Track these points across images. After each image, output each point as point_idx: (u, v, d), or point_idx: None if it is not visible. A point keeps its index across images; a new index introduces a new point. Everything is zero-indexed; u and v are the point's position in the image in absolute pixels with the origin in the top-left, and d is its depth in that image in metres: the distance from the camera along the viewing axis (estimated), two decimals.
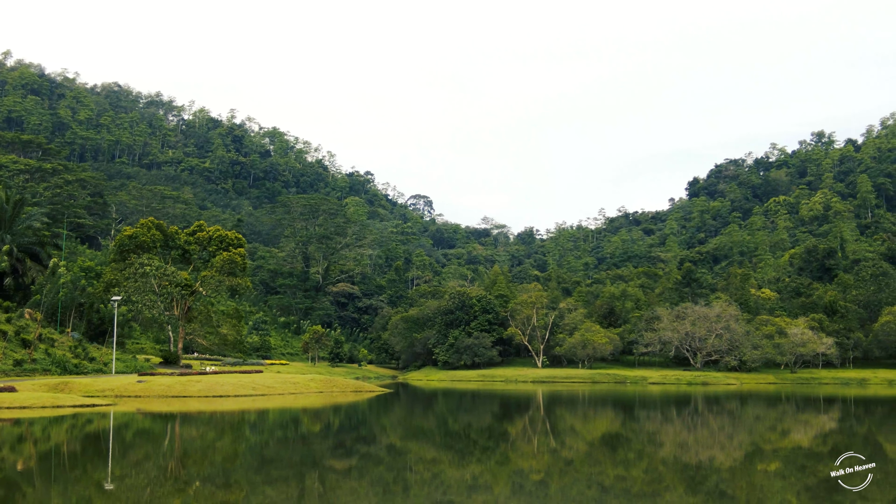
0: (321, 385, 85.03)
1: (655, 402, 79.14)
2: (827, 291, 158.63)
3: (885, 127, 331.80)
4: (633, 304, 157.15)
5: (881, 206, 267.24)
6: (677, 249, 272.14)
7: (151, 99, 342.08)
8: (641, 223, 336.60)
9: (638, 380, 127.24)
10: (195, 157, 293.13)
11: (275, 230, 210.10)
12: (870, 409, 69.85)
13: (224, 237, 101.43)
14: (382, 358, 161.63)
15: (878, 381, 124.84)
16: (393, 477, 30.09)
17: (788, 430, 50.43)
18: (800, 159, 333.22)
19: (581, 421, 57.56)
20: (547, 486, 28.33)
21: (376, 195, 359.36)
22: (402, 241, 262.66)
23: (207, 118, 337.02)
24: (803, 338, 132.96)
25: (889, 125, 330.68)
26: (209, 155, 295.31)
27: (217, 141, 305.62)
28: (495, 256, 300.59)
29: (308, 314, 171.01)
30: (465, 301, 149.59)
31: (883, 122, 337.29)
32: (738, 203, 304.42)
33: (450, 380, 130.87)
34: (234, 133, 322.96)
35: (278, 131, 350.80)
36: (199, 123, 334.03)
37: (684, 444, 42.25)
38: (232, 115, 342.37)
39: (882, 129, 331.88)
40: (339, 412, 62.54)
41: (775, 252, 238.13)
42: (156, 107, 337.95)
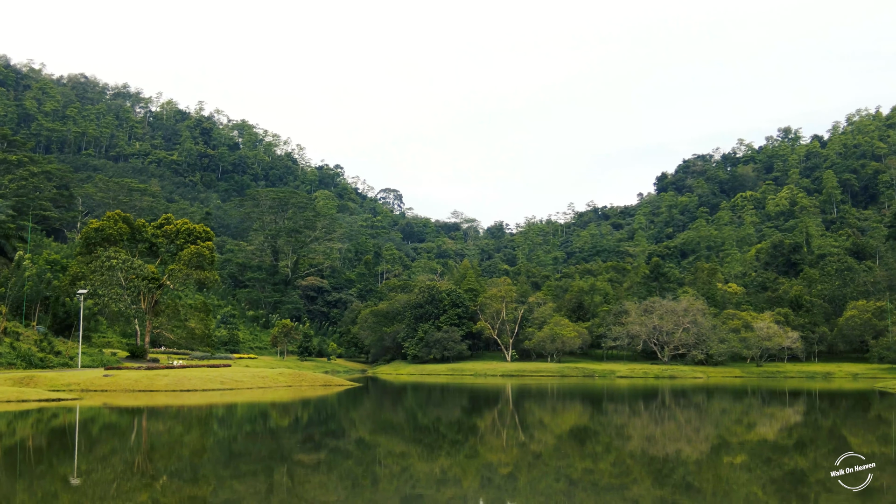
0: (290, 379, 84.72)
1: (623, 396, 79.65)
2: (793, 286, 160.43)
3: (851, 123, 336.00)
4: (602, 299, 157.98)
5: (846, 201, 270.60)
6: (646, 244, 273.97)
7: (118, 90, 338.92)
8: (610, 218, 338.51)
9: (606, 373, 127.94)
10: (163, 149, 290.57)
11: (243, 223, 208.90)
12: (834, 403, 70.77)
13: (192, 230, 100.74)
14: (352, 352, 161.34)
15: (843, 375, 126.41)
16: (362, 471, 30.08)
17: (754, 423, 50.98)
18: (766, 155, 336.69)
19: (549, 414, 57.82)
20: (515, 479, 28.46)
21: (346, 189, 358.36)
22: (372, 234, 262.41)
23: (175, 110, 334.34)
24: (769, 332, 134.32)
25: (855, 121, 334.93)
26: (177, 147, 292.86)
27: (185, 133, 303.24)
28: (465, 250, 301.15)
29: (277, 308, 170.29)
30: (435, 295, 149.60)
31: (849, 118, 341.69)
32: (706, 198, 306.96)
33: (419, 373, 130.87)
34: (203, 125, 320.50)
35: (247, 124, 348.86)
36: (167, 115, 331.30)
37: (651, 437, 42.58)
38: (200, 107, 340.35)
39: (848, 126, 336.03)
40: (307, 406, 62.36)
41: (742, 247, 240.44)
42: (123, 98, 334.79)
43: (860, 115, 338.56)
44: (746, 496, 25.20)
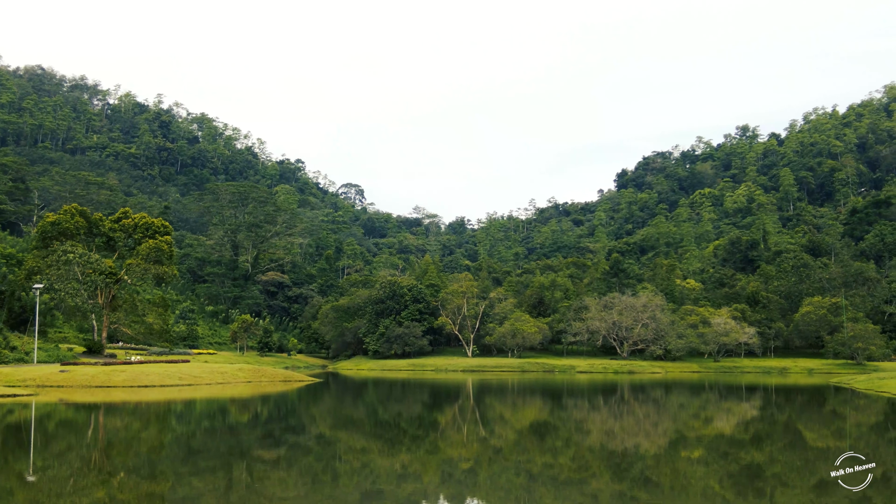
0: (249, 375, 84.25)
1: (583, 391, 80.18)
2: (749, 282, 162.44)
3: (808, 122, 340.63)
4: (563, 294, 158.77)
5: (803, 199, 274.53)
6: (606, 240, 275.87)
7: (76, 83, 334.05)
8: (571, 214, 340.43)
9: (566, 368, 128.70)
10: (121, 142, 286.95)
11: (203, 218, 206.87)
12: (790, 398, 71.81)
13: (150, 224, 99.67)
14: (312, 347, 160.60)
15: (799, 370, 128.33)
16: (322, 467, 30.00)
17: (711, 418, 51.57)
18: (725, 153, 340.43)
19: (510, 409, 58.05)
20: (476, 474, 28.55)
21: (307, 183, 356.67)
22: (333, 229, 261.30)
23: (134, 103, 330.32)
24: (726, 327, 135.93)
25: (812, 120, 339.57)
26: (135, 140, 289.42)
27: (143, 126, 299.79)
28: (427, 246, 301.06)
29: (237, 303, 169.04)
30: (396, 290, 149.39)
31: (805, 116, 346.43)
32: (665, 195, 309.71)
33: (380, 369, 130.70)
34: (162, 118, 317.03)
35: (207, 117, 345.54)
36: (125, 108, 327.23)
37: (611, 431, 42.93)
38: (159, 100, 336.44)
39: (805, 124, 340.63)
40: (267, 402, 62.06)
41: (700, 243, 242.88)
42: (80, 91, 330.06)
43: (817, 113, 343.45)
44: (703, 490, 25.50)
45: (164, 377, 70.99)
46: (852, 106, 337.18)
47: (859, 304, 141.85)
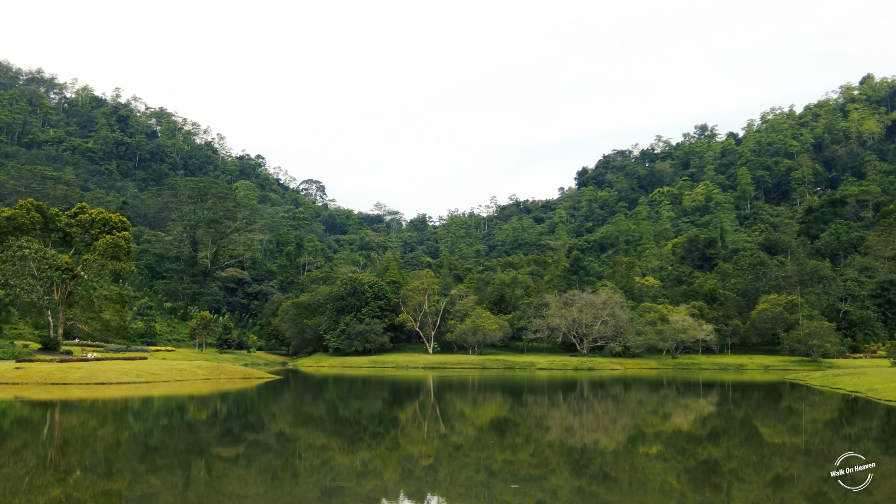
0: (208, 372, 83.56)
1: (543, 388, 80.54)
2: (707, 280, 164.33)
3: (765, 121, 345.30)
4: (523, 291, 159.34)
5: (759, 197, 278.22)
6: (566, 238, 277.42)
7: (32, 76, 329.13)
8: (532, 211, 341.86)
9: (526, 365, 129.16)
10: (78, 136, 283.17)
11: (161, 213, 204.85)
12: (746, 394, 72.69)
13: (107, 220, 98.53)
14: (272, 344, 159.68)
15: (755, 367, 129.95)
16: (281, 464, 29.86)
17: (669, 414, 52.07)
18: (683, 151, 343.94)
19: (470, 406, 58.17)
20: (436, 470, 28.59)
21: (267, 179, 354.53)
22: (294, 226, 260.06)
23: (91, 97, 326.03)
24: (684, 324, 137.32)
25: (769, 120, 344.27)
26: (93, 135, 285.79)
27: (101, 120, 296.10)
28: (388, 243, 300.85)
29: (196, 300, 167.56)
30: (357, 287, 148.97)
31: (763, 116, 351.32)
32: (625, 193, 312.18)
33: (340, 366, 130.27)
34: (120, 113, 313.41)
35: (166, 112, 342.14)
36: (83, 102, 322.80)
37: (570, 428, 43.18)
38: (117, 94, 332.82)
39: (762, 124, 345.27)
40: (226, 399, 61.61)
41: (659, 241, 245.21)
42: (37, 84, 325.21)
43: (774, 113, 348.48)
44: (661, 485, 25.76)
45: (122, 374, 70.19)
46: (809, 106, 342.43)
47: (815, 302, 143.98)
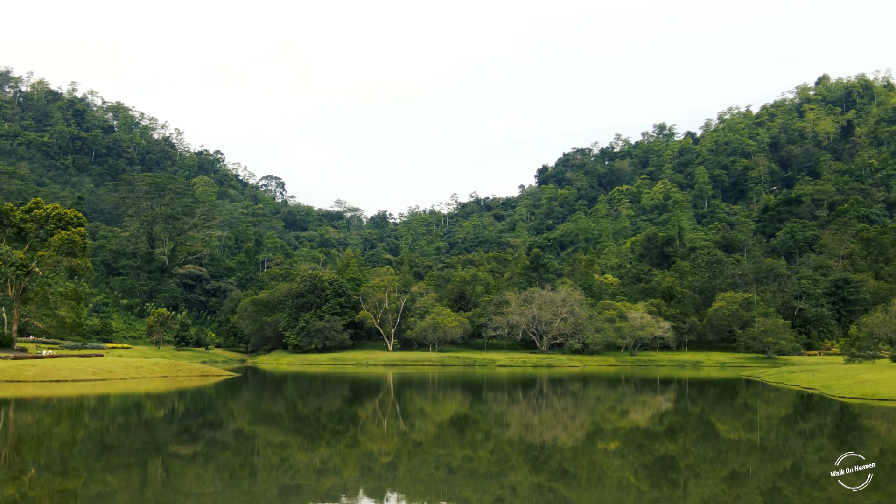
0: (165, 369, 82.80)
1: (503, 385, 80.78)
2: (665, 277, 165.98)
3: (723, 121, 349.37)
4: (483, 289, 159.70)
5: (717, 196, 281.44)
6: (526, 235, 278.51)
7: None
8: (493, 209, 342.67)
9: (486, 362, 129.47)
10: (33, 131, 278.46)
11: (118, 209, 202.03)
12: (703, 391, 73.51)
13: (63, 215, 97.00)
14: (231, 342, 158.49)
15: (711, 364, 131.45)
16: (240, 462, 29.66)
17: (627, 410, 52.49)
18: (642, 150, 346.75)
19: (430, 403, 58.20)
20: (396, 468, 28.57)
21: (226, 175, 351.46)
22: (253, 222, 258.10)
23: (47, 91, 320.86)
24: (642, 322, 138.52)
25: (726, 119, 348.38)
26: (48, 129, 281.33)
27: (57, 115, 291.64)
28: (348, 240, 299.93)
29: (153, 296, 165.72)
30: (317, 284, 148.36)
31: (720, 116, 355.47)
32: (585, 191, 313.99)
33: (300, 363, 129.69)
34: (76, 107, 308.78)
35: (123, 106, 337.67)
36: (38, 96, 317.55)
37: (529, 424, 43.36)
38: (73, 87, 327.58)
39: (719, 124, 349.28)
40: (184, 397, 61.06)
41: (618, 239, 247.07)
42: None
43: (732, 113, 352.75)
44: (619, 481, 25.97)
45: (77, 372, 69.28)
46: (766, 106, 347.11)
47: (770, 300, 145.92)
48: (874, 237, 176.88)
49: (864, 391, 55.76)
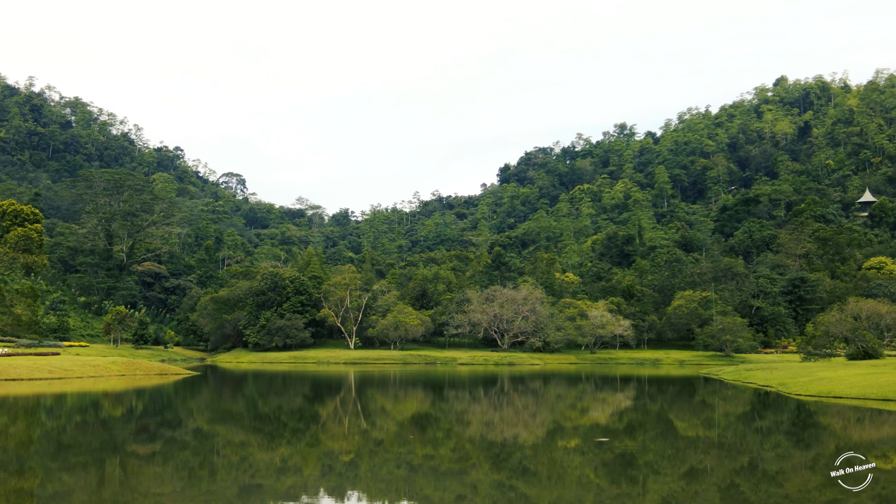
0: (123, 368, 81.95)
1: (464, 383, 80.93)
2: (625, 276, 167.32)
3: (682, 121, 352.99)
4: (445, 287, 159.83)
5: (676, 195, 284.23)
6: (488, 234, 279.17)
7: None
8: (455, 207, 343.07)
9: (448, 360, 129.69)
10: None
11: (75, 205, 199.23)
12: (662, 388, 74.15)
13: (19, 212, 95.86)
14: (190, 340, 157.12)
15: (670, 362, 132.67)
16: (199, 461, 29.44)
17: (587, 408, 52.83)
18: (603, 150, 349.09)
19: (392, 402, 58.18)
20: (357, 466, 28.52)
21: (186, 172, 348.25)
22: (213, 219, 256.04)
23: (3, 85, 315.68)
24: (603, 320, 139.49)
25: (686, 119, 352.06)
26: (4, 124, 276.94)
27: (13, 109, 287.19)
28: (310, 237, 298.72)
29: (111, 294, 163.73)
30: (278, 282, 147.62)
31: (680, 116, 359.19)
32: (546, 190, 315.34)
33: (260, 361, 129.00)
34: (33, 102, 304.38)
35: (81, 102, 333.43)
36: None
37: (490, 422, 43.49)
38: (30, 82, 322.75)
39: (679, 124, 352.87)
40: (142, 396, 60.46)
41: (579, 238, 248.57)
42: None
43: (691, 113, 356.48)
44: (579, 478, 26.14)
45: (33, 370, 68.31)
46: (724, 107, 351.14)
47: (728, 298, 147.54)
48: (830, 237, 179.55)
49: (820, 389, 56.59)
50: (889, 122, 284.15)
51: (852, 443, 34.12)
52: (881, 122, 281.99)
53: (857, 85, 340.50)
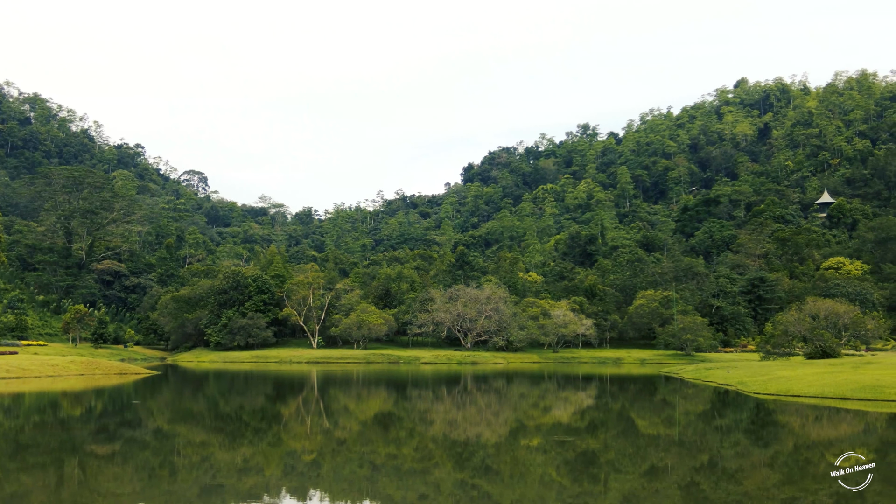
0: (83, 367, 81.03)
1: (427, 382, 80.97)
2: (588, 275, 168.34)
3: (644, 122, 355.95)
4: (409, 286, 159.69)
5: (638, 196, 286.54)
6: (452, 233, 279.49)
7: None
8: (418, 206, 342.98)
9: (411, 360, 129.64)
10: None
11: (34, 203, 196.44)
12: (623, 387, 74.69)
13: None
14: (151, 339, 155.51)
15: (632, 361, 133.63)
16: (159, 461, 29.18)
17: (550, 406, 53.09)
18: (567, 150, 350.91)
19: (354, 401, 58.05)
20: (319, 466, 28.45)
21: (147, 169, 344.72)
22: (175, 217, 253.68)
23: None
24: (565, 319, 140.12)
25: (648, 120, 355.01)
26: None
27: None
28: (272, 236, 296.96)
29: (70, 293, 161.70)
30: (240, 281, 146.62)
31: (642, 117, 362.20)
32: (510, 189, 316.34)
33: (222, 361, 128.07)
34: None
35: (40, 98, 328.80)
36: None
37: (453, 421, 43.55)
38: None
39: (641, 124, 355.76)
40: (101, 395, 59.79)
41: (542, 237, 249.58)
42: None
43: (653, 114, 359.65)
44: (541, 477, 26.27)
45: None
46: (686, 108, 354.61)
47: (689, 298, 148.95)
48: (789, 237, 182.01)
49: (779, 388, 57.32)
50: (847, 123, 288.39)
51: (811, 441, 34.65)
52: (840, 124, 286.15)
53: (816, 87, 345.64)
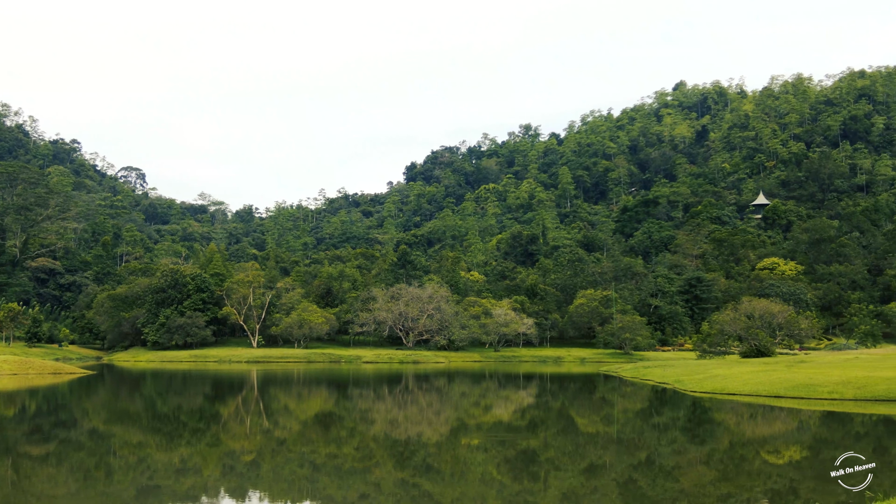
0: (15, 367, 79.26)
1: (369, 381, 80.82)
2: (529, 275, 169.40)
3: (585, 123, 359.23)
4: (351, 285, 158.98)
5: (579, 196, 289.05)
6: (394, 232, 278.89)
7: None
8: (361, 205, 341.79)
9: (353, 359, 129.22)
10: None
11: None
12: (563, 385, 75.41)
13: None
14: (86, 338, 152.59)
15: (572, 359, 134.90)
16: (95, 462, 28.69)
17: (491, 405, 53.37)
18: (509, 150, 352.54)
19: (295, 400, 57.71)
20: (259, 466, 28.24)
21: (83, 165, 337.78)
22: (112, 214, 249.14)
23: None
24: (507, 318, 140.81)
25: (589, 122, 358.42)
26: None
27: None
28: (212, 234, 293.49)
29: (2, 291, 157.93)
30: (179, 279, 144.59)
31: (583, 118, 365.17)
32: (452, 189, 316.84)
33: (160, 360, 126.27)
34: None
35: None
36: None
37: (394, 420, 43.56)
38: None
39: (582, 126, 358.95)
40: (35, 395, 58.56)
41: (484, 237, 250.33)
42: None
43: (594, 116, 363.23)
44: (482, 475, 26.41)
45: None
46: (626, 110, 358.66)
47: (628, 297, 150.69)
48: (725, 238, 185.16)
49: (714, 386, 58.36)
50: (783, 127, 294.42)
51: (746, 438, 35.35)
52: (775, 127, 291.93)
53: (752, 91, 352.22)
